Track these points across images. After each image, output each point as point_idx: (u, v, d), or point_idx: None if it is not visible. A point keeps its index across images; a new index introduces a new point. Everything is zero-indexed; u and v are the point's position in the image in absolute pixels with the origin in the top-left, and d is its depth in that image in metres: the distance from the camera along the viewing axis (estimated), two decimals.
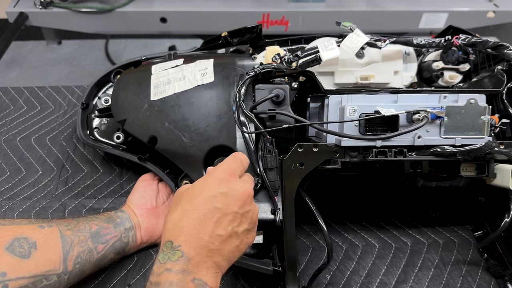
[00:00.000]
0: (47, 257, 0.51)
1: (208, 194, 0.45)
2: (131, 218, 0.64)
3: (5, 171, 0.77)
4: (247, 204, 0.48)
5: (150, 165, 0.68)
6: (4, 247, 0.48)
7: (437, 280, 0.68)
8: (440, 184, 0.81)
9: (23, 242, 0.50)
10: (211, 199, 0.45)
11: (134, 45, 1.95)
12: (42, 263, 0.50)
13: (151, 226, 0.65)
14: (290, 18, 1.58)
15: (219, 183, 0.47)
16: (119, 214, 0.64)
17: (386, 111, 0.53)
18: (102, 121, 0.75)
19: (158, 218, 0.66)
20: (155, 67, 0.66)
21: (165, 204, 0.69)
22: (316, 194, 0.67)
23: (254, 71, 0.58)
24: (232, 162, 0.51)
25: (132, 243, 0.63)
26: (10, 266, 0.47)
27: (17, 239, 0.49)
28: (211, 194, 0.45)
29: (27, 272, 0.48)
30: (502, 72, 0.62)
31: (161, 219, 0.66)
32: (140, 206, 0.66)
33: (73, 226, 0.57)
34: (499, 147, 0.56)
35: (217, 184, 0.47)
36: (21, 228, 0.51)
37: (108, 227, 0.60)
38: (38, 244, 0.51)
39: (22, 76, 1.78)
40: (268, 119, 0.60)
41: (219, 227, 0.44)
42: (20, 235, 0.50)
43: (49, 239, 0.53)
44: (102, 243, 0.58)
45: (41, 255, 0.50)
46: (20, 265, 0.48)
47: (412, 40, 0.64)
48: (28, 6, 1.50)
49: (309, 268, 0.68)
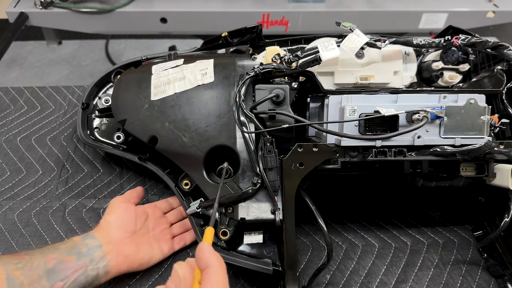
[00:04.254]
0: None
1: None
2: (104, 244, 0.56)
3: (5, 171, 0.77)
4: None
5: (150, 165, 0.68)
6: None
7: (437, 280, 0.68)
8: (439, 184, 0.81)
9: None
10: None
11: (134, 45, 1.95)
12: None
13: (132, 254, 0.58)
14: (290, 18, 1.58)
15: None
16: (88, 241, 0.55)
17: (386, 111, 0.53)
18: (102, 121, 0.75)
19: (138, 245, 0.60)
20: (155, 67, 0.66)
21: (141, 231, 0.62)
22: (316, 194, 0.67)
23: (254, 71, 0.58)
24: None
25: (103, 275, 0.55)
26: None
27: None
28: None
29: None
30: (501, 72, 0.62)
31: (141, 247, 0.60)
32: (120, 229, 0.59)
33: (25, 264, 0.49)
34: (499, 147, 0.56)
35: None
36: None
37: (69, 260, 0.52)
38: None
39: (22, 76, 1.78)
40: (268, 119, 0.60)
41: None
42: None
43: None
44: (61, 280, 0.50)
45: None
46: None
47: (412, 40, 0.64)
48: (28, 6, 1.50)
49: (309, 268, 0.69)
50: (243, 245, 0.64)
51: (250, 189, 0.57)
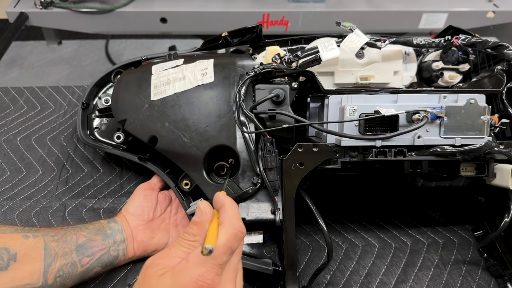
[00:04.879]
0: (26, 270, 0.49)
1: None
2: (124, 229, 0.61)
3: (5, 171, 0.77)
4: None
5: (150, 165, 0.68)
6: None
7: (437, 280, 0.68)
8: (439, 184, 0.81)
9: (3, 253, 0.48)
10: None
11: (134, 45, 1.96)
12: (20, 276, 0.48)
13: (146, 240, 0.62)
14: (290, 18, 1.58)
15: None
16: (112, 224, 0.61)
17: (386, 111, 0.53)
18: (102, 121, 0.75)
19: (153, 232, 0.64)
20: (155, 67, 0.66)
21: (161, 217, 0.66)
22: (316, 194, 0.67)
23: (254, 71, 0.58)
24: (223, 250, 0.42)
25: (122, 257, 0.60)
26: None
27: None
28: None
29: (2, 285, 0.46)
30: (502, 72, 0.62)
31: (156, 233, 0.64)
32: (137, 217, 0.63)
33: (60, 237, 0.55)
34: (499, 147, 0.56)
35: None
36: (4, 238, 0.50)
37: (96, 239, 0.57)
38: (19, 256, 0.49)
39: (22, 76, 1.78)
40: (268, 119, 0.60)
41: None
42: (1, 246, 0.48)
43: (32, 251, 0.51)
44: (88, 256, 0.56)
45: (20, 267, 0.49)
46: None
47: (412, 40, 0.64)
48: (28, 6, 1.50)
49: (309, 268, 0.69)
50: (243, 245, 0.64)
51: (250, 189, 0.57)
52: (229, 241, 0.43)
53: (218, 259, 0.42)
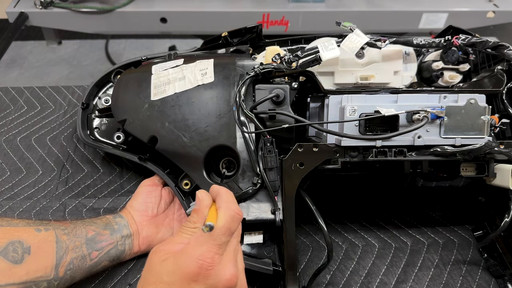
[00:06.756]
0: (40, 263, 0.50)
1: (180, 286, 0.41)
2: (130, 225, 0.62)
3: (5, 171, 0.77)
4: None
5: (150, 165, 0.68)
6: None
7: (437, 280, 0.68)
8: (440, 184, 0.81)
9: (17, 247, 0.49)
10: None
11: (134, 45, 1.96)
12: (34, 269, 0.49)
13: (150, 235, 0.63)
14: (290, 18, 1.58)
15: (195, 276, 0.42)
16: (118, 220, 0.62)
17: (386, 111, 0.53)
18: (102, 121, 0.75)
19: (158, 227, 0.65)
20: (155, 67, 0.66)
21: (165, 213, 0.67)
22: (316, 194, 0.67)
23: (254, 71, 0.58)
24: (222, 231, 0.44)
25: (128, 251, 0.61)
26: (1, 271, 0.46)
27: (12, 243, 0.48)
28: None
29: (17, 278, 0.47)
30: (502, 72, 0.62)
31: (161, 228, 0.65)
32: (141, 212, 0.64)
33: (70, 231, 0.56)
34: (499, 147, 0.56)
35: (193, 276, 0.42)
36: (17, 231, 0.50)
37: (104, 234, 0.59)
38: (33, 249, 0.50)
39: (22, 76, 1.78)
40: (268, 119, 0.60)
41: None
42: (15, 239, 0.49)
43: (44, 244, 0.52)
44: (97, 250, 0.57)
45: (34, 260, 0.49)
46: (12, 271, 0.47)
47: (412, 40, 0.64)
48: (28, 6, 1.50)
49: (309, 268, 0.68)
50: (243, 245, 0.64)
51: (250, 189, 0.57)
52: (228, 223, 0.45)
53: (217, 239, 0.44)
